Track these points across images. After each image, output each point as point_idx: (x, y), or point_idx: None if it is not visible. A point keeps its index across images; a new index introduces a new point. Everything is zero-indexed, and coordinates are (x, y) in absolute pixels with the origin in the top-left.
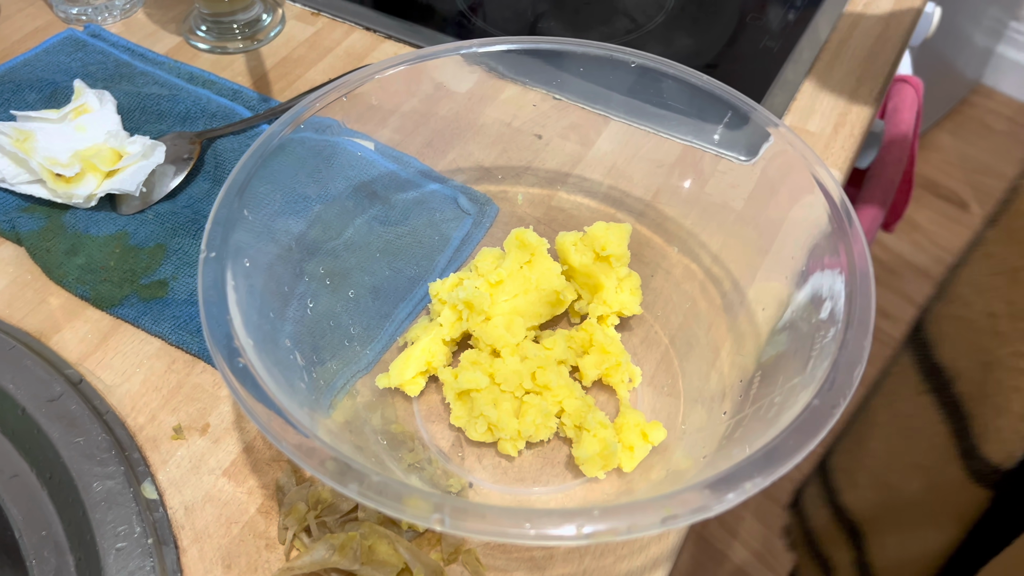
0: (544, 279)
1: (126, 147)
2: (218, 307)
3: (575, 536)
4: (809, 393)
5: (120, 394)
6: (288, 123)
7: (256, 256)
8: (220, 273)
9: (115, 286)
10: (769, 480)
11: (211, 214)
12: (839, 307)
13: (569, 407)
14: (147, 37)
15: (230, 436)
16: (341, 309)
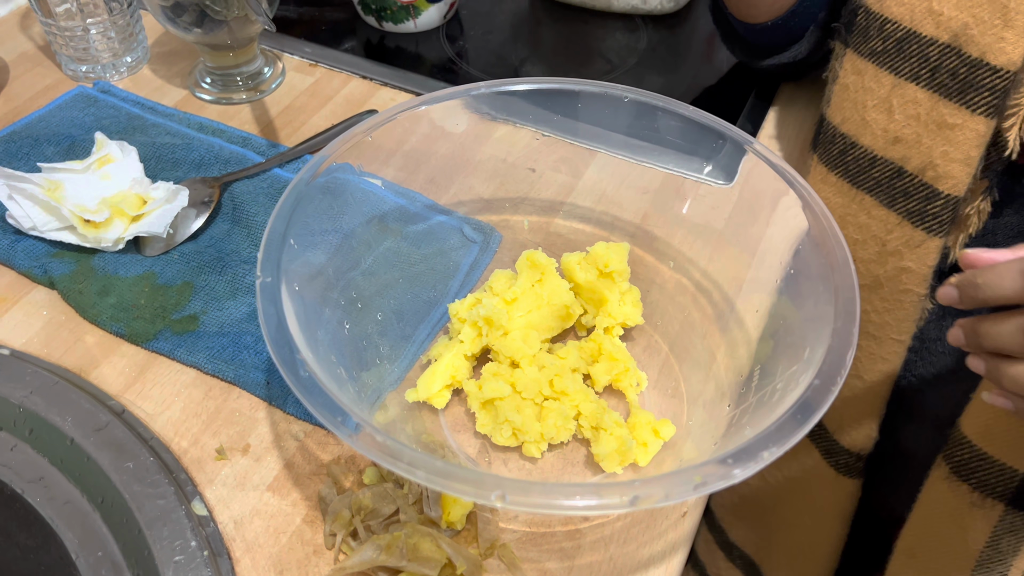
0: (554, 295)
1: (150, 193)
2: (278, 325)
3: (620, 504)
4: (809, 376)
5: (162, 421)
6: (315, 168)
7: (300, 283)
8: (276, 295)
9: (148, 322)
10: (783, 448)
11: (262, 244)
12: (827, 301)
13: (585, 410)
14: (155, 91)
15: (270, 454)
16: (372, 330)
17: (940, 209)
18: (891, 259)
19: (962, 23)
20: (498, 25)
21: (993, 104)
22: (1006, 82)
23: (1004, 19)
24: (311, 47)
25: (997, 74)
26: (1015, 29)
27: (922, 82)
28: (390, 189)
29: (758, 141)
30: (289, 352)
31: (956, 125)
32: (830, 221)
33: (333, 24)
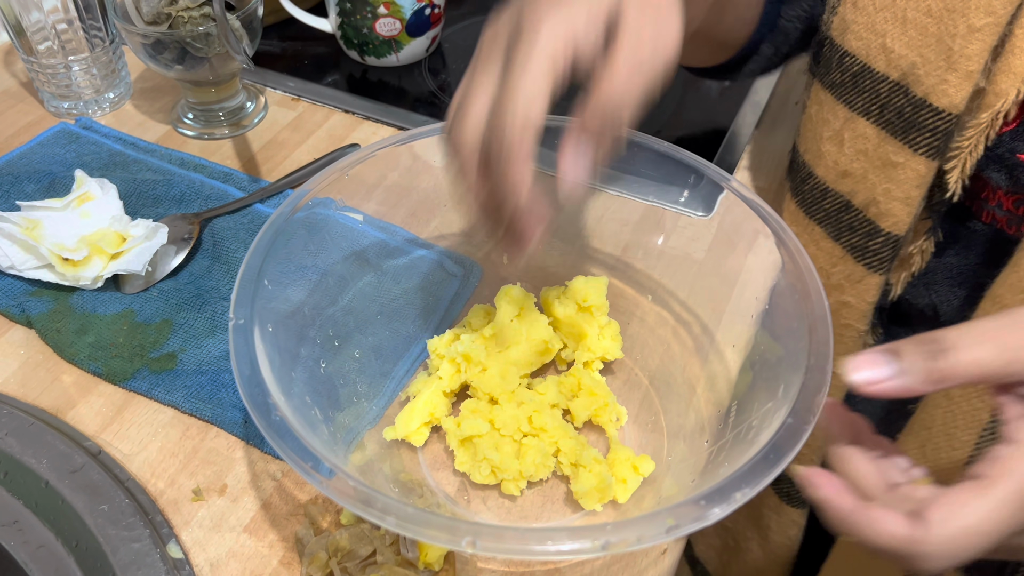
0: (533, 330)
1: (129, 230)
2: (251, 368)
3: (592, 548)
4: (782, 414)
5: (139, 462)
6: (292, 206)
7: (275, 322)
8: (249, 337)
9: (126, 361)
10: (756, 490)
11: (236, 284)
12: (801, 338)
13: (565, 447)
14: (137, 127)
15: (248, 495)
16: (349, 368)
17: (880, 246)
18: (833, 292)
19: (910, 62)
20: None
21: (935, 145)
22: (948, 124)
23: (948, 61)
24: (294, 81)
25: (939, 115)
26: (958, 72)
27: (872, 117)
28: (370, 224)
29: (734, 178)
30: (261, 396)
31: (899, 164)
32: (804, 259)
33: (316, 58)
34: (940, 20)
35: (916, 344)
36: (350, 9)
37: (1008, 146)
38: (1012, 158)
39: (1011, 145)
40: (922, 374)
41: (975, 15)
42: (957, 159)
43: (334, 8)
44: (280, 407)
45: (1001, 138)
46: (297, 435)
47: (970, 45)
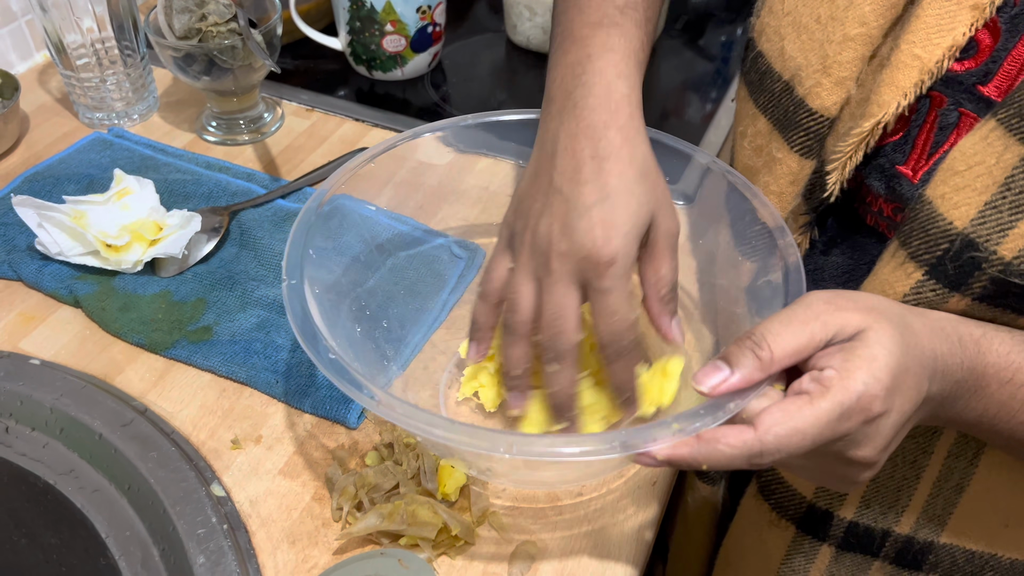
0: None
1: (166, 220)
2: (304, 319)
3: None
4: None
5: (182, 418)
6: (320, 198)
7: (320, 287)
8: (301, 293)
9: (166, 333)
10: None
11: (286, 252)
12: (778, 289)
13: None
14: (165, 135)
15: (281, 443)
16: (379, 335)
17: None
18: None
19: (797, 64)
20: (478, 73)
21: (807, 144)
22: (820, 125)
23: (824, 66)
24: (307, 94)
25: (812, 116)
26: (831, 77)
27: (768, 114)
28: (384, 215)
29: (716, 158)
30: (314, 339)
31: (778, 159)
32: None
33: (327, 74)
34: (824, 27)
35: (738, 344)
36: (359, 28)
37: (889, 157)
38: (891, 169)
39: (892, 156)
40: (752, 366)
41: (850, 24)
42: (838, 163)
43: (344, 27)
44: (334, 348)
45: (883, 148)
46: (351, 369)
47: (843, 52)
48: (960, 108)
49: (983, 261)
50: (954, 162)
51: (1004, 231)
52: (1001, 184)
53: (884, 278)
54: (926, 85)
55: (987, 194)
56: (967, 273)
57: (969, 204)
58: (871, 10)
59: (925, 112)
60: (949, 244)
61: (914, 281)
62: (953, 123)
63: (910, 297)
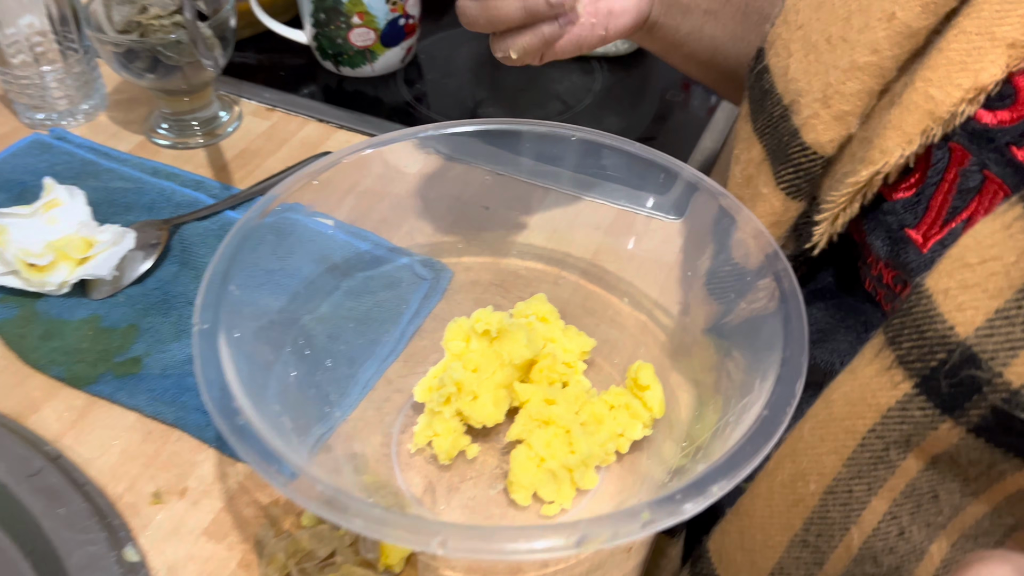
0: (515, 353)
1: (96, 236)
2: (215, 371)
3: (566, 545)
4: (758, 407)
5: (99, 466)
6: (259, 212)
7: (243, 330)
8: (213, 342)
9: (90, 365)
10: (732, 483)
11: (201, 289)
12: (777, 331)
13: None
14: (111, 137)
15: (208, 498)
16: (321, 377)
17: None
18: None
19: (799, 88)
20: (456, 68)
21: (795, 183)
22: (811, 163)
23: (824, 96)
24: (270, 92)
25: (804, 151)
26: (831, 110)
27: (763, 140)
28: (341, 229)
29: (706, 177)
30: (225, 400)
31: (763, 195)
32: (778, 254)
33: (292, 70)
34: (834, 49)
35: None
36: (324, 20)
37: (899, 216)
38: (899, 231)
39: (901, 216)
40: None
41: (860, 51)
42: (828, 213)
43: (309, 19)
44: (245, 411)
45: (893, 205)
46: (261, 439)
47: (848, 82)
48: (985, 170)
49: (984, 384)
50: (965, 251)
51: (1015, 350)
52: (1019, 290)
53: (864, 383)
54: (936, 134)
55: (1000, 299)
56: (964, 395)
57: (976, 308)
58: (885, 36)
59: (943, 168)
60: (947, 355)
61: (901, 394)
62: (975, 188)
63: (895, 413)
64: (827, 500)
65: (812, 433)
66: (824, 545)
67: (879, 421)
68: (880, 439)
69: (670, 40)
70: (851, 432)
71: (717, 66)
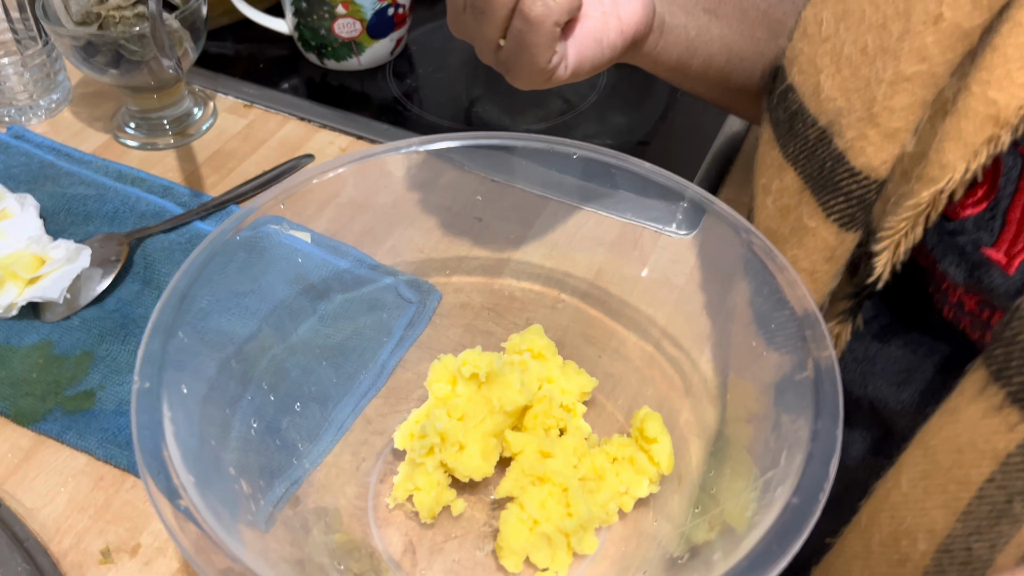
0: (506, 400)
1: (49, 252)
2: (154, 442)
3: None
4: (787, 489)
5: (43, 517)
6: (229, 231)
7: (194, 379)
8: (156, 404)
9: (38, 400)
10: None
11: (145, 334)
12: (805, 394)
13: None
14: (74, 136)
15: (163, 556)
16: (288, 424)
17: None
18: None
19: (837, 108)
20: (450, 63)
21: (848, 213)
22: (864, 190)
23: (870, 113)
24: (248, 86)
25: (855, 177)
26: (879, 128)
27: (799, 167)
28: (319, 244)
29: (717, 200)
30: (165, 478)
31: (810, 228)
32: (804, 294)
33: (273, 62)
34: (872, 61)
35: None
36: (306, 9)
37: (971, 236)
38: (975, 253)
39: (974, 235)
40: None
41: (906, 60)
42: (889, 241)
43: (290, 7)
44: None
45: (963, 224)
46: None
47: (896, 96)
48: None
49: None
50: None
51: None
52: None
53: (972, 426)
54: (1004, 142)
55: None
56: None
57: None
58: (935, 41)
59: (1016, 177)
60: None
61: (1021, 436)
62: None
63: (1016, 458)
64: (942, 560)
65: (913, 485)
66: None
67: (998, 470)
68: (1001, 489)
69: (684, 43)
70: (963, 483)
71: (734, 73)
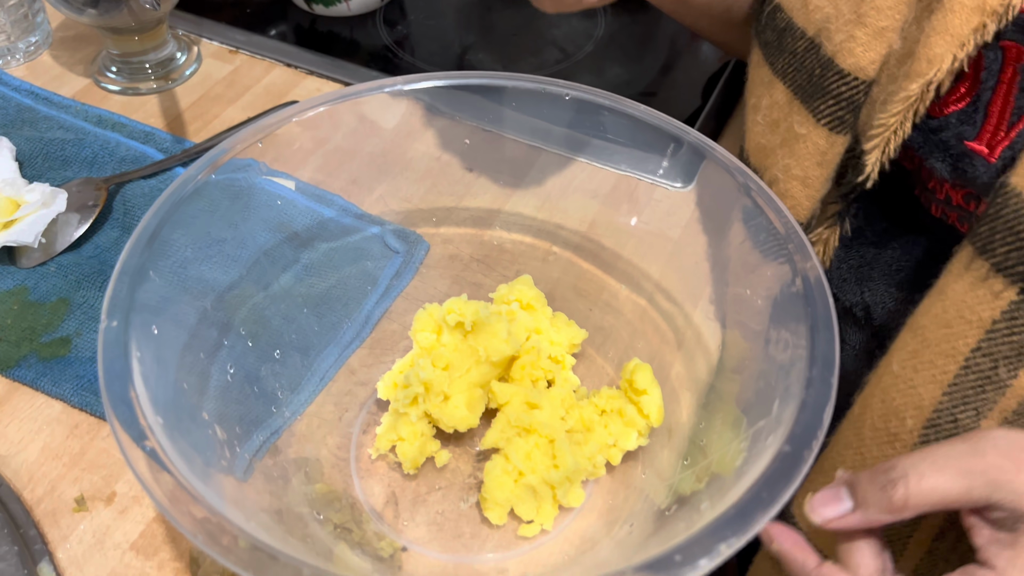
0: (492, 349)
1: (24, 196)
2: (120, 382)
3: None
4: (778, 439)
5: (16, 465)
6: (203, 168)
7: (166, 321)
8: (123, 343)
9: (12, 346)
10: (744, 539)
11: (114, 274)
12: (800, 342)
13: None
14: (53, 80)
15: (139, 505)
16: (267, 372)
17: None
18: None
19: (825, 15)
20: (443, 9)
21: (837, 116)
22: (853, 91)
23: (857, 14)
24: (234, 31)
25: (844, 79)
26: (867, 28)
27: (787, 80)
28: (303, 192)
29: (718, 145)
30: (131, 418)
31: (801, 136)
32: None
33: (259, 6)
34: None
35: (871, 476)
36: None
37: (955, 130)
38: (958, 145)
39: (958, 130)
40: (879, 505)
41: None
42: (879, 138)
43: None
44: (154, 432)
45: (946, 120)
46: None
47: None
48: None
49: None
50: None
51: None
52: None
53: (959, 300)
54: (990, 31)
55: None
56: None
57: None
58: None
59: (998, 69)
60: None
61: (1006, 303)
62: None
63: (1001, 325)
64: (928, 435)
65: (903, 365)
66: None
67: (984, 337)
68: (987, 357)
69: None
70: (951, 356)
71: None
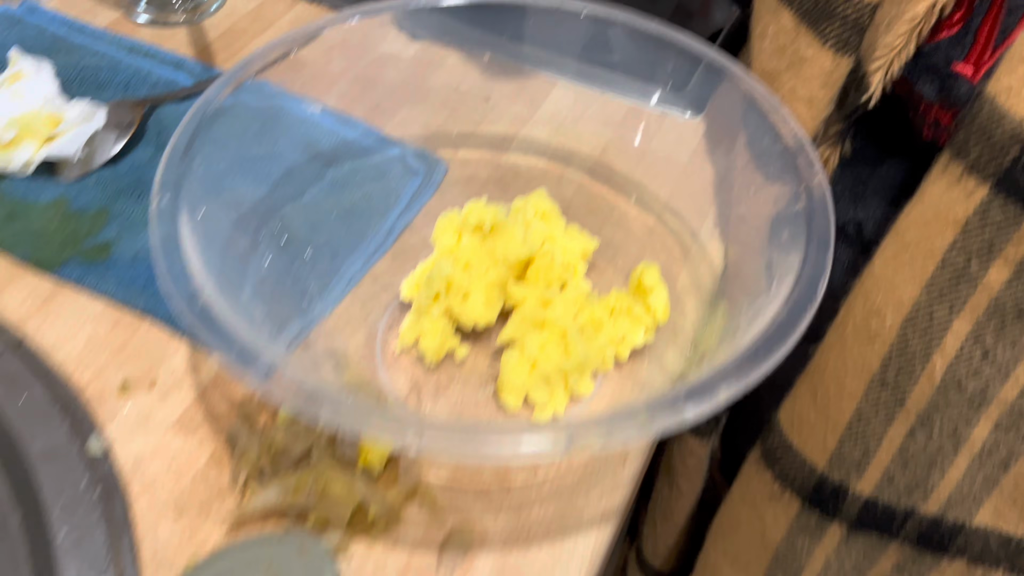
0: (509, 251)
1: (64, 112)
2: (173, 250)
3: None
4: (774, 307)
5: (64, 354)
6: (232, 79)
7: (208, 212)
8: (174, 217)
9: (57, 249)
10: (741, 384)
11: (163, 160)
12: (799, 228)
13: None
14: (85, 12)
15: (179, 389)
16: (299, 267)
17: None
18: None
19: None
20: None
21: (843, 37)
22: (858, 12)
23: None
24: None
25: (849, 2)
26: None
27: (795, 6)
28: (328, 115)
29: (737, 62)
30: (184, 281)
31: (807, 58)
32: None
33: None
34: None
35: None
36: None
37: (944, 54)
38: (946, 69)
39: (947, 53)
40: None
41: None
42: (884, 59)
43: None
44: (207, 294)
45: (938, 45)
46: (225, 325)
47: None
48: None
49: None
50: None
51: None
52: None
53: (935, 201)
54: None
55: None
56: None
57: None
58: None
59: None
60: (1021, 149)
61: (977, 201)
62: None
63: (974, 222)
64: (906, 330)
65: (885, 266)
66: (904, 380)
67: (959, 233)
68: (961, 252)
69: None
70: (929, 254)
71: None
